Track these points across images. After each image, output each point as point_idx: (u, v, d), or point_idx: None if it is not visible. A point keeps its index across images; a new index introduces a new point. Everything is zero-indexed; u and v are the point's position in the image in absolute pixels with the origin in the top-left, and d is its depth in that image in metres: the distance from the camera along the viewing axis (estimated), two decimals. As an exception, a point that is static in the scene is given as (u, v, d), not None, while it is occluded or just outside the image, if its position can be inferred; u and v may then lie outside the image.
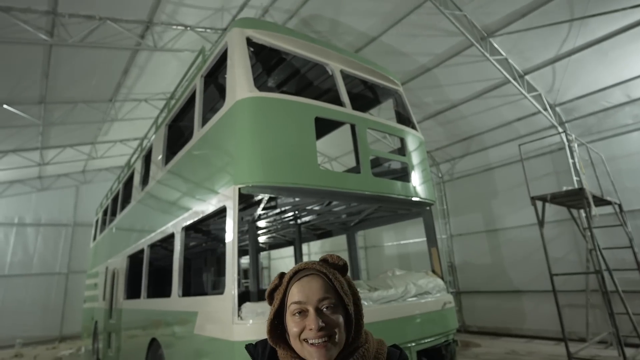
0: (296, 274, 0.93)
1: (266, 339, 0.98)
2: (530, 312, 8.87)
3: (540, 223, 5.92)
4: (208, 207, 3.51)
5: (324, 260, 0.98)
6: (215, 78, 4.46)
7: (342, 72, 4.19)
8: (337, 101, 3.92)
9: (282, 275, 0.97)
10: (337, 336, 0.85)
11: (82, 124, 9.89)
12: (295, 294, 0.89)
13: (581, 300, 7.30)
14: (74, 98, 8.58)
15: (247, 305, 2.83)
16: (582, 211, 6.95)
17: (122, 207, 7.34)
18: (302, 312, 0.87)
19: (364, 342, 0.91)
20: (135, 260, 5.91)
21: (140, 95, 9.32)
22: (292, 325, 0.88)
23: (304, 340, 0.85)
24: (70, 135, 10.53)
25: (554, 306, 5.90)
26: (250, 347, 1.00)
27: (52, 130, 9.88)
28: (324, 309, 0.87)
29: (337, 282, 0.91)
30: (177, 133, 5.52)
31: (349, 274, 0.98)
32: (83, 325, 10.24)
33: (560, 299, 5.70)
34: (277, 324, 0.93)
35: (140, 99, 9.47)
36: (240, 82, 3.38)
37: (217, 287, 7.34)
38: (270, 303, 0.96)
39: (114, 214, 8.10)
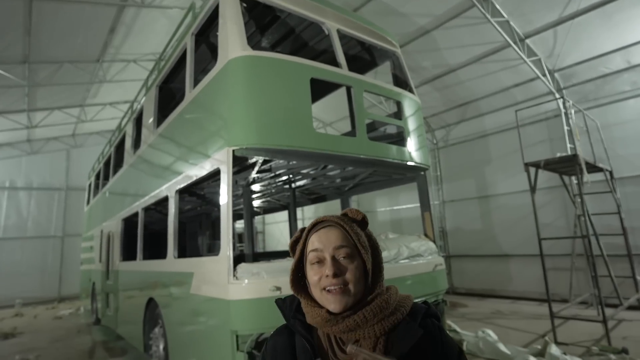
0: (315, 225, 0.96)
1: (294, 295, 1.01)
2: (516, 275, 9.20)
3: (532, 189, 6.00)
4: (202, 170, 3.47)
5: (343, 214, 1.00)
6: (206, 37, 4.29)
7: (338, 31, 4.04)
8: (333, 63, 3.81)
9: (303, 229, 1.00)
10: (351, 284, 0.87)
11: (69, 85, 9.58)
12: (313, 243, 0.92)
13: (566, 264, 7.55)
14: (59, 58, 8.24)
15: (243, 266, 2.87)
16: (573, 178, 7.04)
17: (115, 171, 7.28)
18: (320, 261, 0.90)
19: (383, 293, 0.92)
20: (129, 223, 5.94)
21: (129, 55, 8.98)
22: (312, 273, 0.91)
23: (323, 288, 0.88)
24: (58, 97, 10.22)
25: (539, 270, 6.11)
26: (279, 302, 1.03)
27: (38, 91, 9.56)
28: (340, 258, 0.89)
29: (354, 233, 0.92)
30: (169, 95, 5.37)
31: None
32: (81, 286, 10.45)
33: (546, 262, 5.89)
34: (299, 276, 0.96)
35: (128, 60, 9.13)
36: (232, 40, 3.25)
37: (213, 250, 7.46)
38: (293, 255, 0.99)
39: (106, 178, 8.05)
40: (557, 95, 7.84)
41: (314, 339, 0.93)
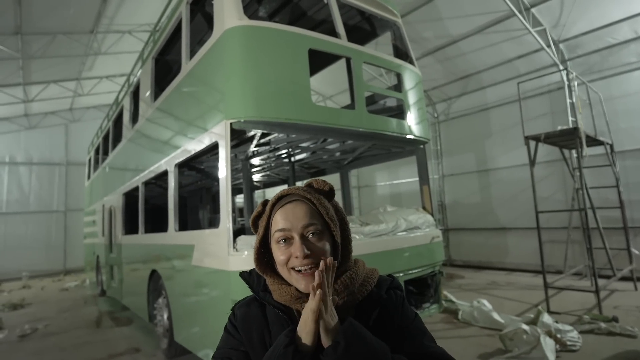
0: (279, 200, 0.90)
1: None
2: (513, 248, 9.34)
3: (532, 162, 5.99)
4: (200, 143, 3.46)
5: (309, 186, 0.94)
6: (202, 6, 4.16)
7: (338, 0, 3.92)
8: (332, 33, 3.71)
9: (265, 202, 0.94)
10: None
11: (64, 58, 9.38)
12: (279, 221, 0.86)
13: (562, 236, 7.65)
14: (52, 29, 8.04)
15: (242, 238, 2.91)
16: (573, 151, 7.02)
17: (114, 146, 7.26)
18: (287, 240, 0.85)
19: (352, 266, 0.90)
20: (130, 197, 5.99)
21: (123, 26, 8.75)
22: (278, 253, 0.86)
23: (291, 268, 0.84)
24: (53, 70, 10.04)
25: (535, 242, 6.20)
26: (245, 274, 0.99)
27: (32, 64, 9.38)
28: (310, 236, 0.85)
29: (323, 208, 0.87)
30: (165, 67, 5.27)
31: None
32: (85, 259, 10.66)
33: (543, 235, 5.97)
34: (263, 252, 0.91)
35: (123, 31, 8.91)
36: (229, 9, 3.16)
37: (213, 224, 7.55)
38: (255, 231, 0.93)
39: (106, 152, 8.04)
40: (561, 67, 7.69)
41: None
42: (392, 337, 0.86)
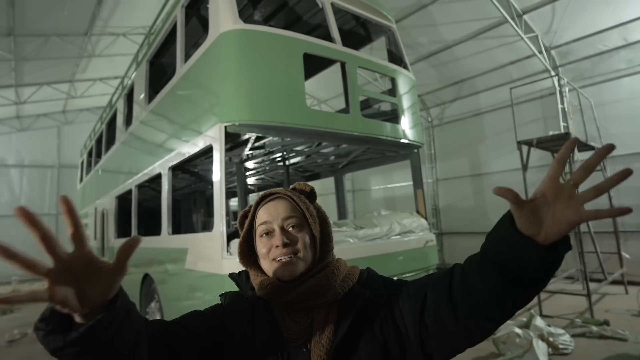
0: (263, 199, 0.96)
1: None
2: (506, 252, 9.38)
3: (524, 167, 6.06)
4: (194, 147, 3.46)
5: (292, 188, 1.00)
6: (197, 9, 4.17)
7: (333, 5, 3.94)
8: (327, 38, 3.74)
9: (252, 205, 1.00)
10: (301, 253, 0.87)
11: (57, 60, 9.33)
12: (262, 216, 0.92)
13: (555, 240, 7.71)
14: (46, 30, 7.99)
15: (236, 242, 2.90)
16: (565, 156, 7.08)
17: (107, 148, 7.21)
18: (269, 233, 0.90)
19: (333, 262, 0.93)
20: (123, 200, 5.94)
21: (118, 28, 8.73)
22: (261, 246, 0.91)
23: (272, 259, 0.88)
24: (46, 72, 9.97)
25: (529, 246, 6.23)
26: (235, 275, 1.02)
27: (25, 66, 9.31)
28: (289, 228, 0.89)
29: (302, 204, 0.93)
30: (160, 70, 5.26)
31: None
32: (77, 263, 10.50)
33: (536, 239, 6.02)
34: (247, 248, 0.96)
35: (118, 33, 8.88)
36: (224, 12, 3.17)
37: (207, 228, 7.51)
38: (241, 230, 0.98)
39: (99, 155, 7.97)
40: (553, 73, 7.80)
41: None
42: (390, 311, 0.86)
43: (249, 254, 0.96)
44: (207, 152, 3.29)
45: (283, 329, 0.86)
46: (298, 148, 4.46)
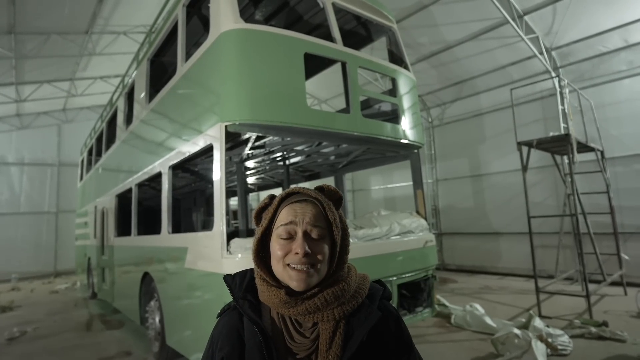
0: (289, 196, 0.89)
1: (245, 271, 0.96)
2: (505, 252, 9.41)
3: (524, 168, 6.06)
4: (195, 146, 3.46)
5: (319, 189, 0.94)
6: (198, 8, 4.17)
7: (333, 5, 3.95)
8: (328, 38, 3.74)
9: (272, 196, 0.93)
10: (319, 265, 0.83)
11: (57, 58, 9.32)
12: (285, 216, 0.85)
13: (554, 241, 7.73)
14: (47, 29, 7.98)
15: (236, 241, 2.91)
16: (564, 157, 7.11)
17: (107, 147, 7.21)
18: (290, 237, 0.84)
19: (345, 276, 0.89)
20: (123, 199, 5.94)
21: (119, 27, 8.71)
22: (277, 247, 0.84)
23: (287, 264, 0.83)
24: (47, 70, 9.96)
25: (527, 247, 6.25)
26: (228, 278, 0.97)
27: (25, 64, 9.31)
28: (313, 236, 0.84)
29: (331, 213, 0.87)
30: (160, 69, 5.26)
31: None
32: (76, 261, 10.53)
33: (535, 240, 6.03)
34: (261, 245, 0.90)
35: (118, 32, 8.87)
36: (225, 12, 3.17)
37: (207, 227, 7.52)
38: (258, 223, 0.92)
39: (99, 153, 7.97)
40: (553, 74, 7.80)
41: (264, 320, 0.88)
42: None
43: (260, 253, 0.90)
44: (208, 151, 3.29)
45: (287, 340, 0.84)
46: (298, 148, 4.46)
